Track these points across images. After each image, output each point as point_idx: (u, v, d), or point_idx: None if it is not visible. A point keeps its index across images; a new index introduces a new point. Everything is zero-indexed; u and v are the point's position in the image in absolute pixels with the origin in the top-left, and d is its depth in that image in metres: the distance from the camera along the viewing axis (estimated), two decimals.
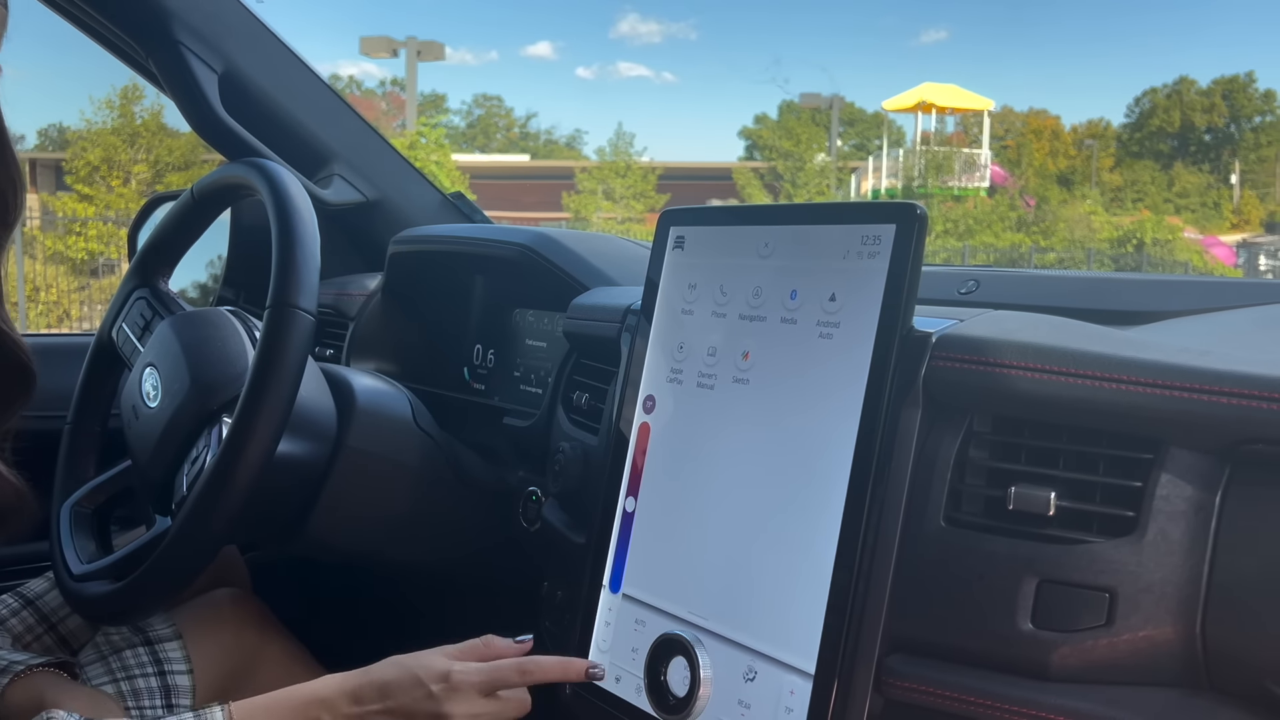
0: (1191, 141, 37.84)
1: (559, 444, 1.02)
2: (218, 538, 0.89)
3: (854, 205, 0.76)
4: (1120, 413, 0.64)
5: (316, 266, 0.92)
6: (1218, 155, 37.28)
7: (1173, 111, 37.88)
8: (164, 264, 1.15)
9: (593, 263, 1.13)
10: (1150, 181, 34.24)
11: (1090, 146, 36.84)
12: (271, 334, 0.89)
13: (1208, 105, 37.85)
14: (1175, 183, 34.27)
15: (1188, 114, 37.62)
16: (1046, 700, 0.63)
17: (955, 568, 0.68)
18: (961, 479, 0.70)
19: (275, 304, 0.89)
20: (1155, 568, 0.62)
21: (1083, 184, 33.63)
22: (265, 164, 0.99)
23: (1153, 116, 38.30)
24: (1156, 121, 38.08)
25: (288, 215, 0.93)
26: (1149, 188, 33.56)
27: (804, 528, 0.73)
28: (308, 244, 0.92)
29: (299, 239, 0.92)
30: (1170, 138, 38.01)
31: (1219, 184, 34.87)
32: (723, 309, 0.83)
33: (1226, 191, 34.06)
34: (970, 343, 0.70)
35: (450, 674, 0.78)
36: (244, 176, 1.01)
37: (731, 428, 0.79)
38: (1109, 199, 30.47)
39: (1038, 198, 23.60)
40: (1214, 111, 37.68)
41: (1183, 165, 36.37)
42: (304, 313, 0.89)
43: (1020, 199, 22.78)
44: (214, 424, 0.96)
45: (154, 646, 1.08)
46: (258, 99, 1.32)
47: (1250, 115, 37.74)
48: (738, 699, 0.75)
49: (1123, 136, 38.71)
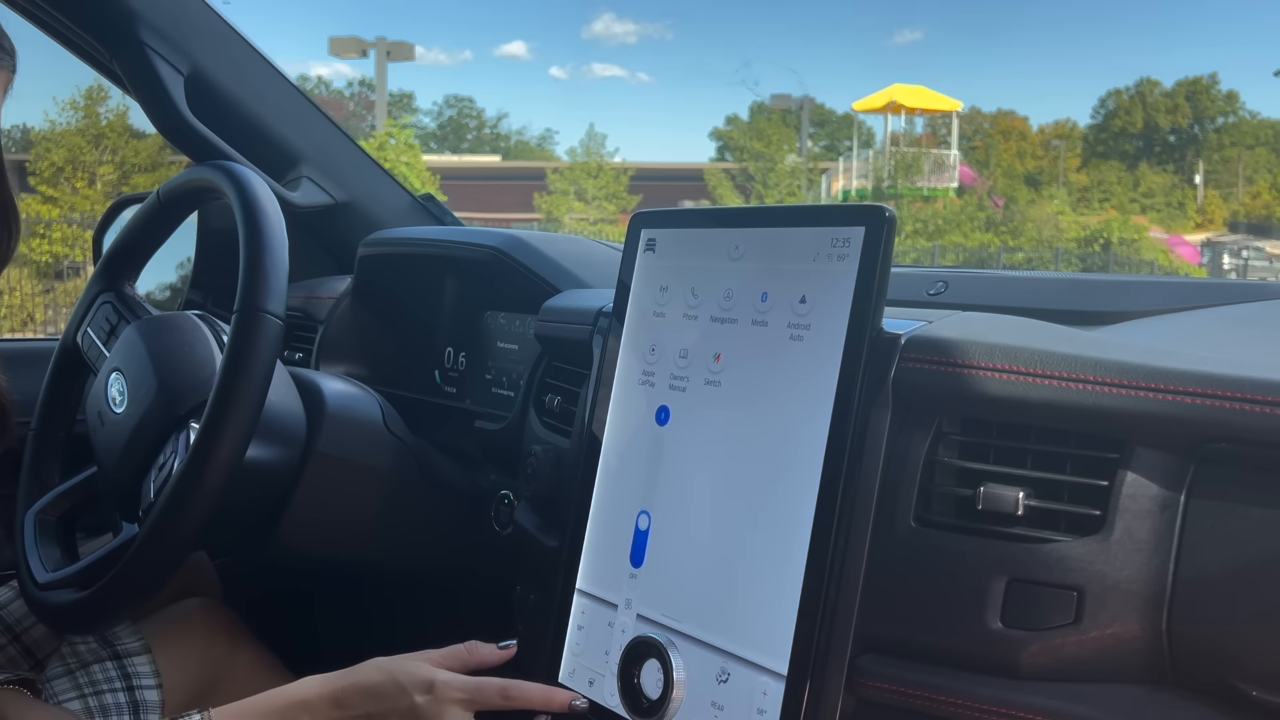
0: (1156, 142, 38.35)
1: (531, 447, 1.02)
2: (186, 544, 0.88)
3: (823, 208, 0.77)
4: (1086, 413, 0.64)
5: (285, 271, 0.91)
6: (1182, 156, 37.81)
7: (1135, 112, 38.36)
8: (130, 267, 1.14)
9: (564, 265, 1.12)
10: (1116, 182, 34.67)
11: (1057, 147, 37.25)
12: (239, 339, 0.88)
13: (1171, 106, 38.37)
14: (1141, 183, 34.72)
15: (1152, 115, 38.11)
16: (1016, 699, 0.64)
17: (926, 568, 0.68)
18: (931, 479, 0.70)
19: (243, 308, 0.88)
20: (1122, 566, 0.63)
21: (1050, 184, 33.98)
22: (232, 167, 0.98)
23: (1116, 117, 38.78)
24: (1120, 122, 38.56)
25: (255, 219, 0.92)
26: (1115, 188, 33.97)
27: (775, 530, 0.73)
28: (275, 248, 0.91)
29: (267, 243, 0.91)
30: (1135, 138, 38.50)
31: (1183, 184, 35.36)
32: (694, 311, 0.83)
33: (1191, 192, 34.54)
34: (939, 344, 0.70)
35: (435, 684, 0.77)
36: (211, 179, 1.00)
37: (703, 429, 0.80)
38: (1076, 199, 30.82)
39: (1006, 198, 23.82)
40: (1178, 112, 38.20)
41: (1148, 166, 36.86)
42: (272, 317, 0.89)
43: (989, 199, 22.98)
44: (181, 429, 0.95)
45: (122, 661, 1.07)
46: (224, 101, 1.31)
47: (1213, 116, 38.30)
48: (711, 700, 0.75)
49: (1089, 137, 39.17)
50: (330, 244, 1.47)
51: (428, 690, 0.76)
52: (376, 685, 0.78)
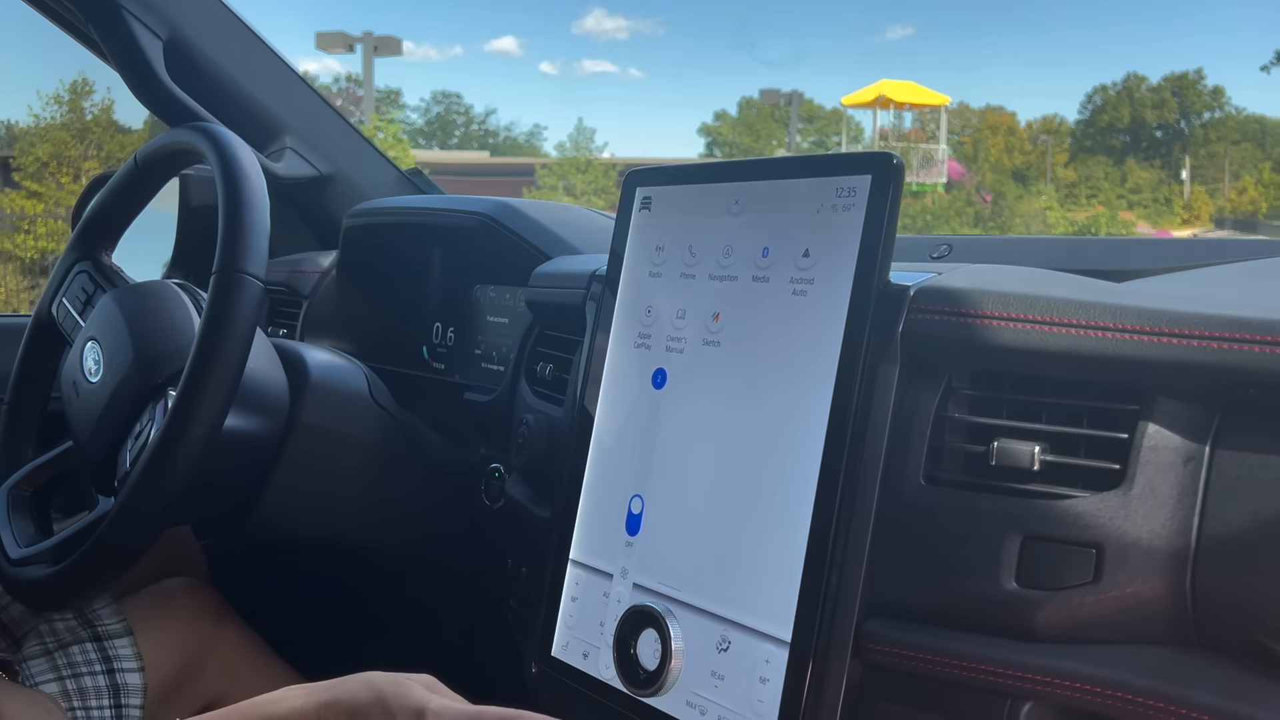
0: (1143, 138, 38.50)
1: (523, 416, 0.99)
2: (162, 515, 0.84)
3: (827, 157, 0.74)
4: (1105, 362, 0.62)
5: (265, 231, 0.88)
6: (1169, 151, 37.96)
7: (1122, 108, 38.51)
8: (107, 236, 1.10)
9: (555, 231, 1.09)
10: (1104, 177, 34.80)
11: (1045, 142, 37.36)
12: (218, 301, 0.84)
13: (1158, 101, 38.53)
14: (1128, 178, 34.86)
15: (1139, 110, 38.26)
16: (1031, 661, 0.61)
17: (936, 528, 0.65)
18: (941, 437, 0.68)
19: (222, 269, 0.85)
20: (1143, 521, 0.60)
21: (1038, 180, 34.10)
22: (211, 127, 0.95)
23: (1104, 112, 38.92)
24: (1107, 117, 38.70)
25: (235, 179, 0.89)
26: (1102, 183, 34.10)
27: (778, 492, 0.70)
28: (256, 208, 0.88)
29: (247, 203, 0.88)
30: (1122, 133, 38.64)
31: (1170, 180, 35.52)
32: (692, 270, 0.80)
33: (1177, 188, 34.70)
34: (950, 294, 0.67)
35: (426, 713, 0.66)
36: (189, 141, 0.96)
37: (701, 391, 0.76)
38: (1064, 194, 30.93)
39: (994, 193, 23.88)
40: (1165, 108, 38.35)
41: (1135, 161, 37.01)
42: (252, 278, 0.85)
43: (977, 194, 23.03)
44: (158, 398, 0.92)
45: (103, 643, 1.03)
46: (205, 68, 1.27)
47: (1200, 111, 38.47)
48: (711, 670, 0.72)
49: (1077, 132, 39.30)
50: (315, 217, 1.43)
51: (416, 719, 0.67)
52: (363, 706, 0.72)
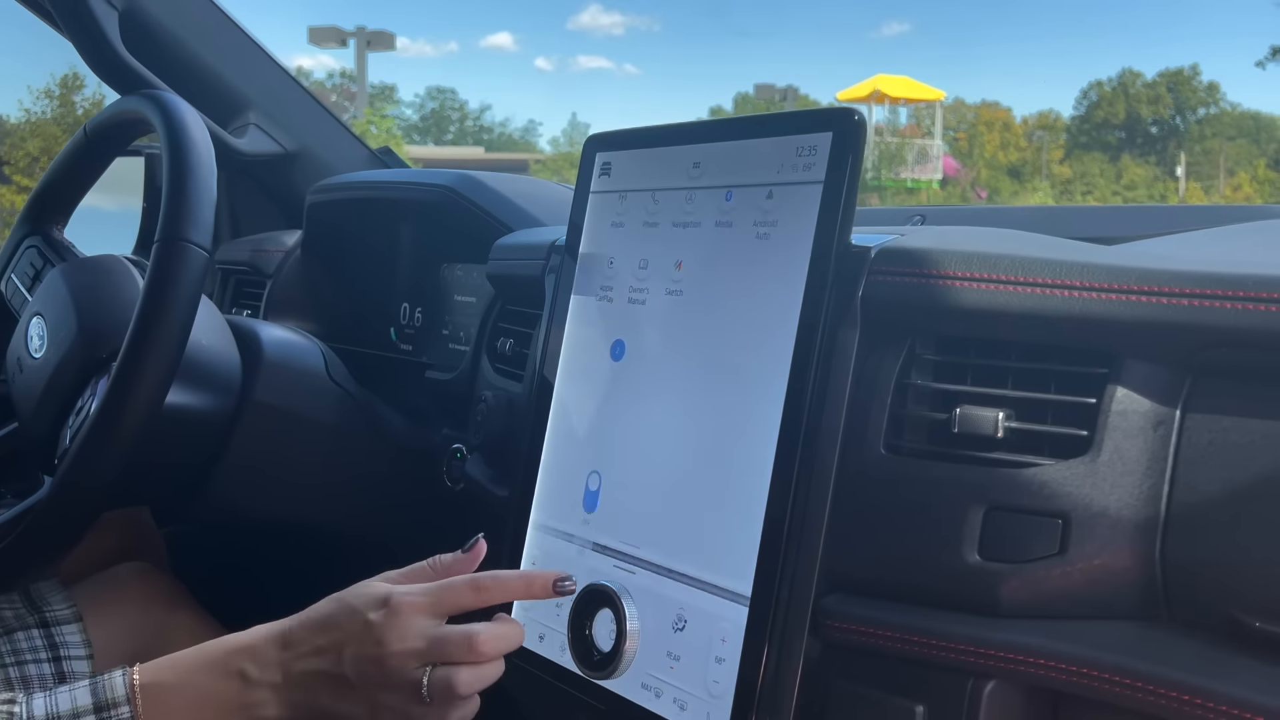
0: (1138, 134, 38.53)
1: (482, 394, 0.95)
2: (101, 492, 0.81)
3: (787, 115, 0.71)
4: (1072, 323, 0.58)
5: (212, 200, 0.85)
6: (1164, 147, 37.99)
7: (1118, 103, 38.53)
8: (58, 210, 1.07)
9: (518, 204, 1.06)
10: (1099, 174, 34.83)
11: (1041, 138, 37.37)
12: (160, 269, 0.81)
13: (1153, 97, 38.55)
14: (1123, 175, 34.88)
15: (1134, 105, 38.28)
16: (995, 637, 0.58)
17: (897, 498, 0.62)
18: (903, 404, 0.65)
19: (164, 238, 0.82)
20: (1111, 489, 0.57)
21: (1033, 176, 34.12)
22: (158, 94, 0.91)
23: (1099, 108, 38.94)
24: (1102, 113, 38.73)
25: (180, 145, 0.86)
26: (1098, 180, 34.13)
27: (737, 460, 0.67)
28: (202, 175, 0.85)
29: (192, 170, 0.84)
30: (1117, 129, 38.67)
31: (1165, 176, 35.54)
32: (654, 218, 0.77)
33: (1173, 184, 34.71)
34: (911, 255, 0.64)
35: (390, 597, 0.65)
36: (136, 108, 0.93)
37: (661, 354, 0.73)
38: (1059, 191, 30.94)
39: (989, 189, 23.86)
40: (1160, 103, 38.38)
41: (1130, 158, 37.04)
42: (196, 247, 0.82)
43: (972, 191, 23.01)
44: (102, 373, 0.88)
45: (50, 629, 1.00)
46: (164, 40, 1.23)
47: (1195, 107, 38.51)
48: (666, 651, 0.69)
49: (1072, 128, 39.32)
50: (280, 196, 1.40)
51: (382, 605, 0.65)
52: (327, 615, 0.68)
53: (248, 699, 0.67)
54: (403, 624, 0.64)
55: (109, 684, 0.67)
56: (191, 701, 0.67)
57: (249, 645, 0.68)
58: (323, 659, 0.66)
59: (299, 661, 0.66)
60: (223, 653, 0.69)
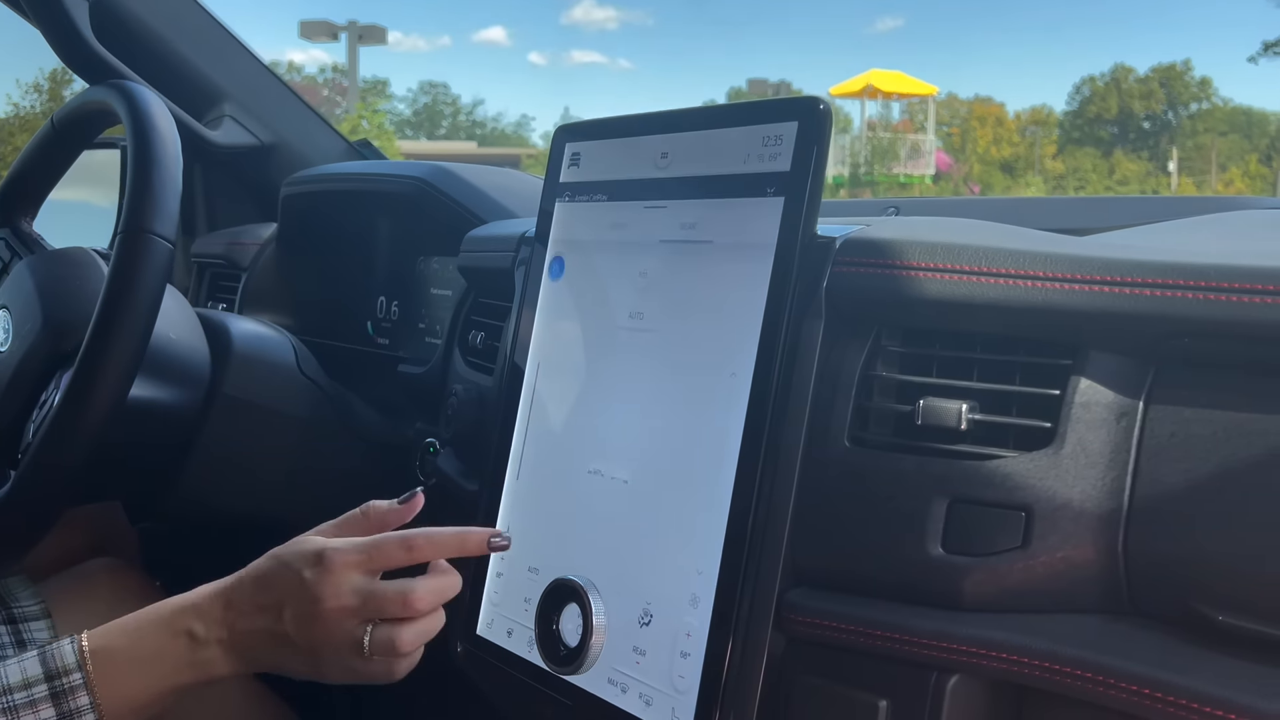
0: (1131, 129, 38.59)
1: (453, 387, 0.95)
2: (65, 486, 0.80)
3: (754, 104, 0.70)
4: (1036, 313, 0.58)
5: (176, 191, 0.84)
6: (1156, 143, 38.06)
7: (1110, 98, 38.58)
8: (26, 202, 1.06)
9: (491, 196, 1.05)
10: (1092, 169, 34.88)
11: (1034, 133, 37.41)
12: (123, 262, 0.80)
13: (1146, 92, 38.60)
14: (1116, 170, 34.94)
15: (1126, 100, 38.33)
16: (958, 631, 0.57)
17: (861, 491, 0.62)
18: (868, 396, 0.64)
19: (127, 229, 0.81)
20: (1074, 482, 0.56)
21: (1026, 171, 34.16)
22: (124, 84, 0.90)
23: (1092, 103, 38.98)
24: (1095, 108, 38.77)
25: (145, 135, 0.85)
26: (1091, 175, 34.18)
27: (701, 453, 0.66)
28: (167, 165, 0.84)
29: (156, 160, 0.83)
30: (1110, 124, 38.72)
31: (1157, 171, 35.61)
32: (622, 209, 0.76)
33: (1165, 179, 34.78)
34: (876, 245, 0.64)
35: (324, 554, 0.65)
36: (102, 98, 0.92)
37: (629, 337, 0.73)
38: (1052, 186, 30.99)
39: (983, 184, 23.87)
40: (1152, 98, 38.43)
41: (1123, 153, 37.09)
42: (160, 239, 0.81)
43: (965, 186, 23.03)
44: (67, 366, 0.87)
45: (17, 625, 0.99)
46: (136, 30, 1.22)
47: (1187, 102, 38.57)
48: (633, 645, 0.68)
49: (1065, 123, 39.36)
50: (256, 189, 1.38)
51: (316, 562, 0.65)
52: (264, 572, 0.68)
53: (196, 657, 0.67)
54: (336, 580, 0.64)
55: (58, 652, 0.67)
56: (141, 662, 0.67)
57: (195, 604, 0.69)
58: (264, 616, 0.66)
59: (242, 620, 0.67)
60: (169, 613, 0.69)
